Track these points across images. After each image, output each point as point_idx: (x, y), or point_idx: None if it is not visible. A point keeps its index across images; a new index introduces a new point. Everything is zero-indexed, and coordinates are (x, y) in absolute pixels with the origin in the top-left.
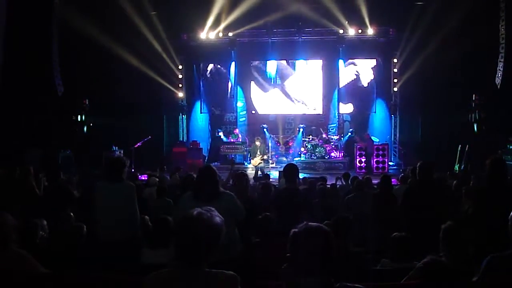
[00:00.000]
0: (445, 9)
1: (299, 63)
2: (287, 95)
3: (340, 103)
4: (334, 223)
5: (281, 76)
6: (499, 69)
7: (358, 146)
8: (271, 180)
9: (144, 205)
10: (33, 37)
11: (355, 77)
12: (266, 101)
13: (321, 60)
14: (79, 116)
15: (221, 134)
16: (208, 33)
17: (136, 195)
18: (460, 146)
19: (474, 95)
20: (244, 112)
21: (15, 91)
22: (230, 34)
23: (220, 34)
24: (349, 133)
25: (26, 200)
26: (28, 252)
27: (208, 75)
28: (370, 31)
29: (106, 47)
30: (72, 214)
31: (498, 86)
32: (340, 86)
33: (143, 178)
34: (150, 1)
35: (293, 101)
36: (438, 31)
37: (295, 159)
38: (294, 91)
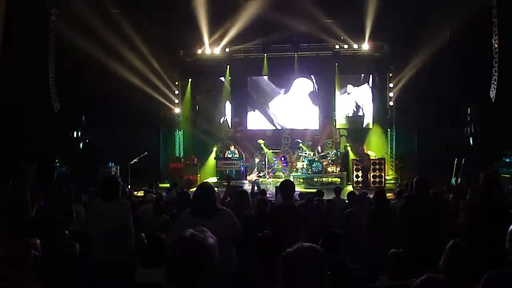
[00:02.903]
0: (439, 24)
1: (295, 78)
2: (282, 110)
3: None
4: (325, 240)
5: (277, 91)
6: (493, 83)
7: (355, 161)
8: (268, 195)
9: (139, 222)
10: (29, 53)
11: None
12: (262, 117)
13: (317, 75)
14: (75, 133)
15: (217, 149)
16: (204, 49)
17: (131, 213)
18: (456, 159)
19: (469, 109)
20: (240, 127)
21: (11, 107)
22: (227, 50)
23: (217, 50)
24: (346, 148)
25: (20, 218)
26: (19, 272)
27: (204, 91)
28: (365, 46)
29: (102, 63)
30: (67, 232)
31: (493, 100)
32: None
33: (139, 194)
34: (147, 17)
35: (288, 116)
36: (432, 45)
37: (291, 174)
38: (289, 106)
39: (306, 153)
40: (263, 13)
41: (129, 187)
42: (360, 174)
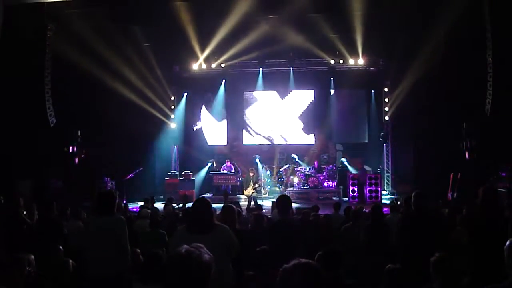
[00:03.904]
0: (433, 39)
1: (291, 93)
2: (278, 125)
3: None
4: (325, 256)
5: (273, 106)
6: (487, 97)
7: (351, 176)
8: (264, 210)
9: (135, 238)
10: (25, 68)
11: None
12: (257, 131)
13: (313, 91)
14: (71, 147)
15: (213, 164)
16: (200, 65)
17: (127, 228)
18: (452, 174)
19: (464, 123)
20: (236, 142)
21: (7, 122)
22: (222, 65)
23: (212, 65)
24: (343, 163)
25: (14, 233)
26: None
27: (200, 106)
28: (361, 61)
29: (98, 78)
30: (61, 247)
31: (488, 114)
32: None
33: (135, 209)
34: (143, 33)
35: (284, 131)
36: (427, 60)
37: (288, 189)
38: (285, 121)
39: (302, 168)
40: (259, 28)
41: (124, 202)
42: (356, 189)
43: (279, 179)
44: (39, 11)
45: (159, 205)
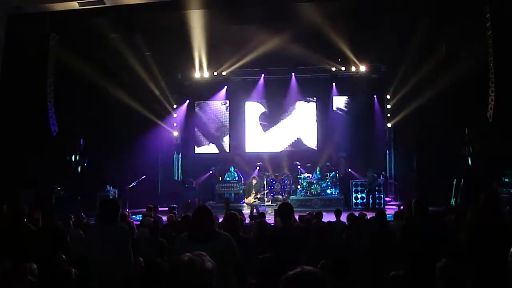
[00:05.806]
0: (435, 45)
1: (293, 100)
2: (281, 132)
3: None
4: (333, 264)
5: (275, 113)
6: (490, 103)
7: (354, 183)
8: (266, 218)
9: (136, 246)
10: (28, 77)
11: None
12: (260, 139)
13: (315, 97)
14: (73, 156)
15: (215, 172)
16: (202, 73)
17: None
18: (455, 180)
19: (466, 129)
20: (238, 150)
21: (9, 131)
22: (224, 73)
23: (214, 73)
24: (346, 170)
25: (17, 242)
26: None
27: (203, 114)
28: (362, 68)
29: (101, 87)
30: (64, 256)
31: (490, 120)
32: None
33: (137, 218)
34: (145, 41)
35: (287, 138)
36: (429, 66)
37: (291, 196)
38: (288, 128)
39: (305, 176)
40: (261, 37)
41: (127, 210)
42: (359, 196)
43: (282, 187)
44: (42, 20)
45: (162, 213)
